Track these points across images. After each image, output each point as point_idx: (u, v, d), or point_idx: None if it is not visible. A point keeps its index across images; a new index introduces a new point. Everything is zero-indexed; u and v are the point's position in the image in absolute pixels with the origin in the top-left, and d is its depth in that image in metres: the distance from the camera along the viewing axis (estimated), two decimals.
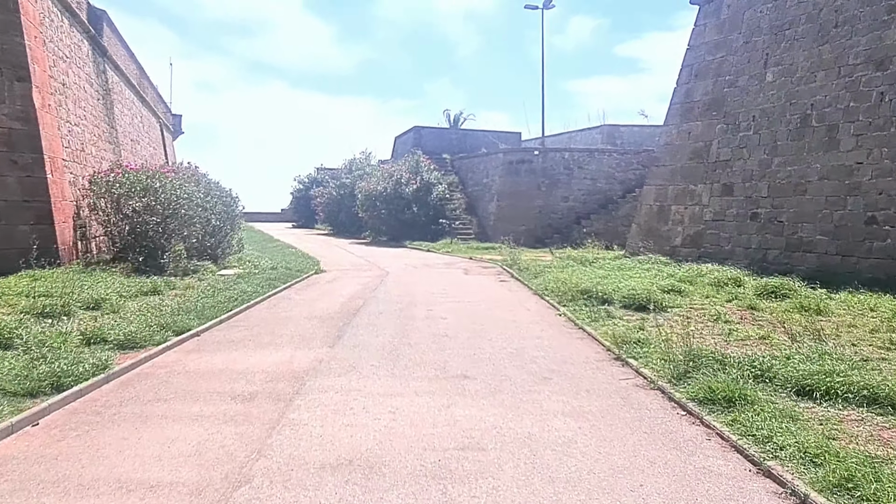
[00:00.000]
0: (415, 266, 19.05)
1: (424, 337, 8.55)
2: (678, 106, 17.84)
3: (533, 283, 13.67)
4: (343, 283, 14.85)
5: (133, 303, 10.43)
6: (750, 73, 15.68)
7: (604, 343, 7.96)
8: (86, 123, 18.30)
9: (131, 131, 28.27)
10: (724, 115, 16.23)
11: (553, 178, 28.12)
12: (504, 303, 11.78)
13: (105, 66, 23.63)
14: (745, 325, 8.76)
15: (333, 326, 9.28)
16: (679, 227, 17.12)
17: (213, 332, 8.72)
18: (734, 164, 15.77)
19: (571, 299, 11.09)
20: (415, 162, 31.17)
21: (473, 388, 6.11)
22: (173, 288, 12.63)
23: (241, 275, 14.57)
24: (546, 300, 11.81)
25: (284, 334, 8.67)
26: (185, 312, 9.48)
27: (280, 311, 10.63)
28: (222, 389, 6.00)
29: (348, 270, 17.75)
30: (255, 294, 11.88)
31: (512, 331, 9.06)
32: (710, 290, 11.62)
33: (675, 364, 6.29)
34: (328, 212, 39.30)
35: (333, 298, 12.20)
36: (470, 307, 11.19)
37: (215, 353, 7.50)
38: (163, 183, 14.71)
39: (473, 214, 31.01)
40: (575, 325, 9.39)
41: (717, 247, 15.85)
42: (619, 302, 10.47)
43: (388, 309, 10.91)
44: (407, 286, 14.20)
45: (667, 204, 17.64)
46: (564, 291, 11.61)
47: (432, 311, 10.66)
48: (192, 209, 15.46)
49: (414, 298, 12.28)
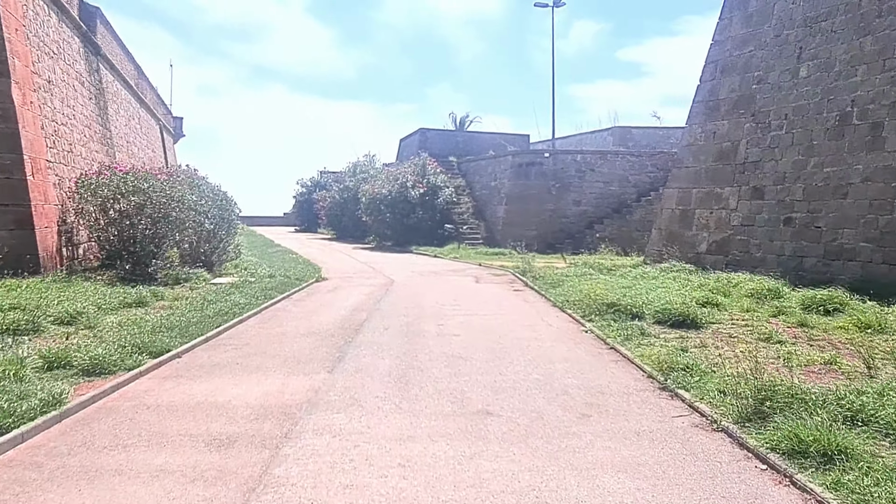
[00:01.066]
0: (421, 273, 18.02)
1: (436, 358, 7.51)
2: (702, 104, 16.78)
3: (551, 294, 12.61)
4: (345, 292, 13.83)
5: (113, 317, 9.43)
6: (782, 68, 14.62)
7: (644, 368, 6.90)
8: (75, 123, 17.34)
9: (128, 133, 27.36)
10: (753, 113, 15.17)
11: (564, 182, 27.08)
12: (521, 316, 10.73)
13: (98, 65, 22.72)
14: (800, 345, 7.69)
15: (333, 345, 8.24)
16: (704, 233, 16.04)
17: (196, 353, 7.70)
18: (765, 165, 14.70)
19: (597, 313, 10.04)
20: (420, 164, 30.16)
21: (499, 430, 5.06)
22: (161, 298, 11.63)
23: (236, 283, 13.57)
24: (568, 313, 10.76)
25: (277, 355, 7.63)
26: (168, 329, 8.46)
27: (275, 327, 9.60)
28: (196, 431, 4.96)
29: (351, 278, 16.73)
30: (249, 306, 10.85)
31: (535, 351, 8.01)
32: (749, 303, 10.55)
33: (740, 398, 5.24)
34: (331, 216, 38.33)
35: (334, 311, 11.18)
36: (484, 321, 10.15)
37: (195, 381, 6.47)
38: (151, 184, 13.72)
39: (481, 219, 29.98)
40: (605, 345, 8.34)
41: (747, 254, 14.77)
42: (652, 317, 9.41)
43: (394, 324, 9.88)
44: (414, 296, 13.17)
45: (690, 208, 16.57)
46: (588, 304, 10.55)
47: (443, 327, 9.62)
48: (184, 212, 14.47)
49: (422, 311, 11.25)
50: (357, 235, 34.50)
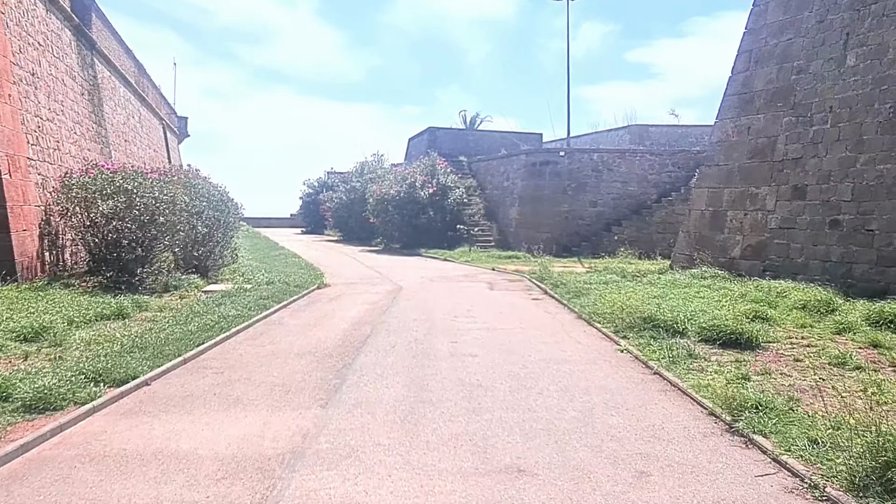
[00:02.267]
0: (431, 279, 16.86)
1: (450, 387, 6.34)
2: (734, 98, 15.53)
3: (575, 304, 11.40)
4: (349, 301, 12.69)
5: (84, 332, 8.33)
6: (825, 56, 13.36)
7: (703, 403, 5.70)
8: (63, 119, 16.31)
9: (126, 131, 26.39)
10: (793, 106, 13.90)
11: (580, 181, 25.83)
12: (545, 331, 9.54)
13: (93, 60, 21.72)
14: (885, 372, 6.47)
15: (330, 369, 7.10)
16: (737, 236, 14.78)
17: (169, 380, 6.57)
18: (806, 162, 13.43)
19: (631, 328, 8.84)
20: (430, 164, 28.99)
21: (536, 498, 3.89)
22: (145, 309, 10.55)
23: (229, 292, 12.46)
24: (597, 328, 9.56)
25: (264, 382, 6.49)
26: (141, 349, 7.35)
27: (266, 344, 8.47)
28: (143, 500, 3.82)
29: (356, 284, 15.60)
30: (239, 319, 9.72)
31: (566, 377, 6.83)
32: (803, 317, 9.32)
33: (847, 454, 4.05)
34: (338, 217, 37.24)
35: (335, 324, 10.03)
36: (503, 337, 8.97)
37: (159, 418, 5.34)
38: (139, 184, 12.64)
39: (493, 220, 28.78)
40: (647, 369, 7.14)
41: (786, 259, 13.51)
42: (696, 334, 8.20)
43: (401, 341, 8.72)
44: (424, 305, 12.01)
45: (722, 209, 15.31)
46: (620, 317, 9.35)
47: (457, 345, 8.45)
48: (176, 214, 13.39)
49: (433, 323, 10.09)
50: (364, 237, 33.40)
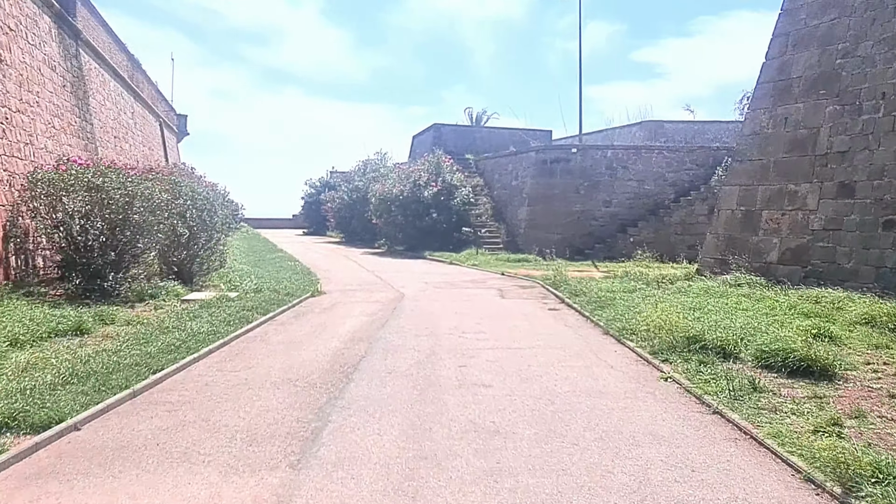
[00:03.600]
0: (436, 285, 15.51)
1: (459, 434, 5.00)
2: (769, 85, 14.13)
3: (600, 318, 10.01)
4: (344, 311, 11.36)
5: (24, 354, 7.02)
6: (876, 37, 11.96)
7: (794, 463, 4.33)
8: (39, 111, 15.03)
9: (117, 127, 25.15)
10: (838, 93, 12.50)
11: (593, 180, 24.45)
12: (568, 351, 8.18)
13: (78, 51, 20.48)
14: None
15: (311, 405, 5.76)
16: (774, 238, 13.38)
17: (107, 421, 5.24)
18: (855, 156, 12.03)
19: (671, 349, 7.47)
20: (435, 162, 27.61)
21: None
22: (109, 323, 9.23)
23: (211, 301, 11.14)
24: (629, 346, 8.19)
25: (225, 427, 5.15)
26: (82, 379, 6.03)
27: (239, 369, 7.13)
28: None
29: (354, 291, 14.26)
30: (213, 336, 8.38)
31: (605, 417, 5.46)
32: (872, 335, 7.93)
33: None
34: (339, 218, 35.92)
35: (325, 341, 8.69)
36: (520, 359, 7.62)
37: (72, 486, 4.01)
38: (109, 179, 11.35)
39: (501, 221, 27.41)
40: (703, 405, 5.77)
41: (832, 264, 12.11)
42: (754, 358, 6.83)
43: (400, 364, 7.37)
44: (428, 318, 10.67)
45: (756, 209, 13.91)
46: (656, 334, 7.98)
47: (466, 370, 7.10)
48: (155, 214, 12.10)
49: (438, 340, 8.74)
50: (367, 239, 32.08)
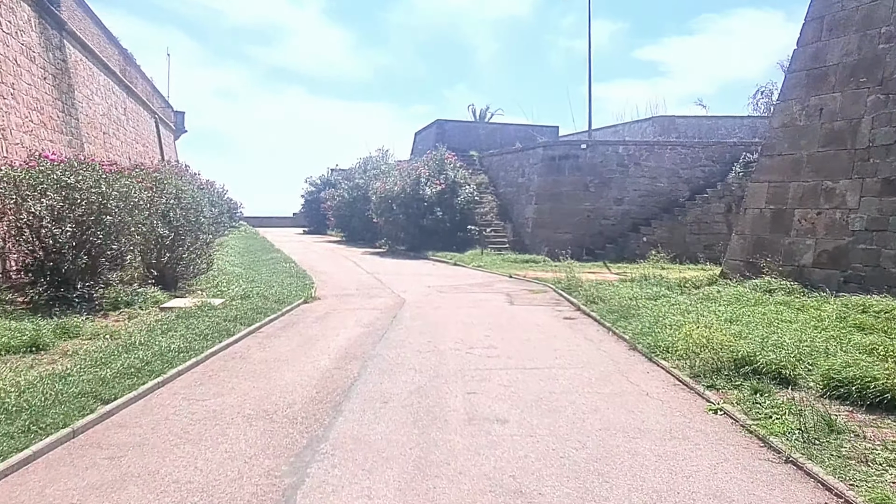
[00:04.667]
0: (440, 289, 14.43)
1: (471, 498, 3.92)
2: (801, 74, 13.00)
3: (624, 330, 8.89)
4: (338, 321, 10.29)
5: None
6: None
7: None
8: (13, 103, 14.00)
9: (106, 123, 24.11)
10: (882, 81, 11.37)
11: (603, 177, 23.33)
12: (593, 371, 7.08)
13: (63, 42, 19.46)
14: None
15: (287, 450, 4.69)
16: (808, 240, 12.26)
17: (26, 475, 4.16)
18: None
19: (715, 371, 6.37)
20: (438, 159, 26.51)
21: None
22: (73, 336, 8.19)
23: (190, 310, 10.07)
24: (662, 366, 7.10)
25: (173, 485, 4.08)
26: (10, 415, 4.96)
27: (209, 396, 6.06)
28: None
29: (351, 297, 13.19)
30: (185, 354, 7.29)
31: (653, 470, 4.38)
32: None
33: None
34: (339, 216, 34.85)
35: (313, 359, 7.61)
36: (539, 383, 6.53)
37: None
38: (81, 177, 10.29)
39: (507, 220, 26.31)
40: (769, 450, 4.68)
41: (876, 268, 10.99)
42: (821, 385, 5.73)
43: (398, 390, 6.29)
44: (431, 329, 9.59)
45: (787, 207, 12.78)
46: (695, 353, 6.88)
47: (476, 398, 6.01)
48: (133, 214, 11.04)
49: (442, 357, 7.67)
50: (368, 238, 31.02)
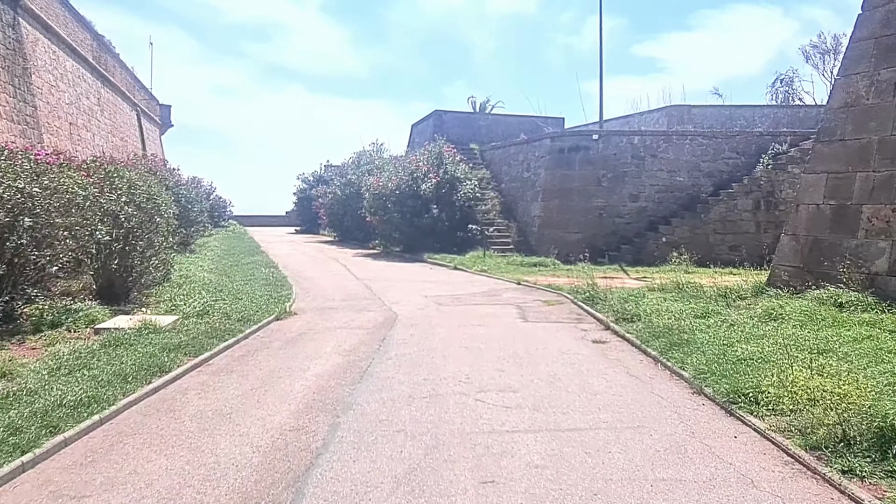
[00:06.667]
0: (439, 300, 12.38)
1: None
2: (869, 43, 10.96)
3: (681, 363, 6.85)
4: (313, 347, 8.24)
5: None
6: None
7: None
8: None
9: (74, 113, 22.03)
10: None
11: (617, 171, 21.26)
12: (657, 436, 5.04)
13: (17, 19, 17.39)
14: None
15: None
16: (881, 242, 10.24)
17: None
18: None
19: (845, 442, 4.37)
20: (436, 152, 24.38)
21: None
22: None
23: (124, 334, 7.95)
24: (752, 425, 5.07)
25: None
26: None
27: (90, 489, 4.01)
28: None
29: (334, 311, 11.15)
30: (87, 407, 5.21)
31: None
32: None
33: None
34: (332, 215, 32.73)
35: (265, 415, 5.55)
36: (586, 462, 4.50)
37: None
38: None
39: (511, 218, 24.25)
40: None
41: None
42: None
43: (379, 480, 4.24)
44: (428, 360, 7.54)
45: (853, 203, 10.76)
46: (805, 406, 4.86)
47: (496, 491, 3.99)
48: (69, 215, 9.00)
49: (443, 408, 5.62)
50: (361, 238, 28.96)
